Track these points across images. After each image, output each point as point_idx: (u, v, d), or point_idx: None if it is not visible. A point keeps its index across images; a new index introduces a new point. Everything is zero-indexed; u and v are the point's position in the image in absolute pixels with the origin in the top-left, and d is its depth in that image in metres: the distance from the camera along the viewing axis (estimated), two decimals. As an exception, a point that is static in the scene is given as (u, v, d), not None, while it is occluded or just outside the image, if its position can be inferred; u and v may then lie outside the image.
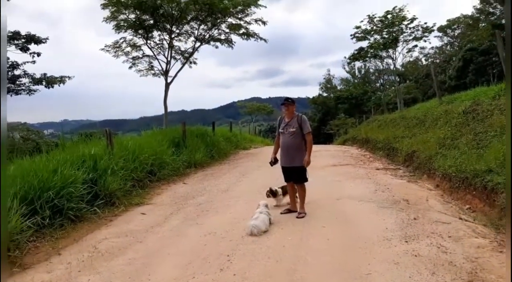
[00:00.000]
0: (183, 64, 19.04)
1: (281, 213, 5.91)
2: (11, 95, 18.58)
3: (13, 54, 18.11)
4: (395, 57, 24.32)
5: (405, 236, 4.70)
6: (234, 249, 4.44)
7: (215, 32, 18.68)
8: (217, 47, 19.36)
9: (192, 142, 11.97)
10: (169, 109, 18.92)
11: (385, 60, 26.22)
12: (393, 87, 36.16)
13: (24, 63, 18.33)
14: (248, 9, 17.66)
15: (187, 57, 19.13)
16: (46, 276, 3.91)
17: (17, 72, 18.42)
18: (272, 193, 6.06)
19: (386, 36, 23.12)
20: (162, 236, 5.14)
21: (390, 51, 24.02)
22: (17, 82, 18.37)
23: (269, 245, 4.57)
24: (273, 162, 6.07)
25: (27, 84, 18.73)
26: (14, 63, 18.21)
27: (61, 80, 18.47)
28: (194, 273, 3.80)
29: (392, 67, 26.07)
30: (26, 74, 18.52)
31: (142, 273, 3.89)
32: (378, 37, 23.77)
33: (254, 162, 12.53)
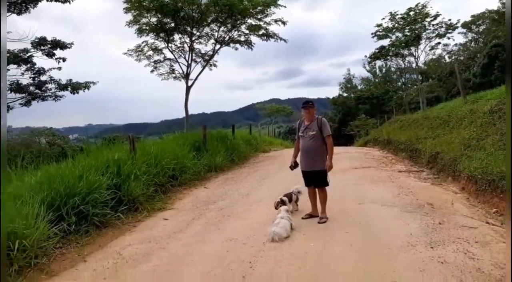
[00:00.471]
0: (204, 67, 19.26)
1: (303, 218, 5.87)
2: (37, 101, 19.13)
3: (40, 60, 18.61)
4: (418, 55, 23.82)
5: (430, 241, 4.60)
6: (256, 255, 4.44)
7: (234, 33, 18.81)
8: (236, 49, 19.47)
9: (213, 146, 12.05)
10: (189, 112, 19.15)
11: (407, 58, 25.78)
12: (415, 86, 35.48)
13: (50, 69, 18.83)
14: (268, 10, 17.69)
15: (207, 59, 19.31)
16: (72, 284, 3.99)
17: (43, 78, 18.92)
18: (283, 203, 5.94)
19: (408, 34, 22.65)
20: (184, 242, 5.19)
21: (412, 49, 23.53)
22: (43, 88, 18.86)
23: (292, 251, 4.55)
24: (293, 166, 6.03)
25: (53, 90, 19.22)
26: (41, 69, 18.72)
27: (86, 86, 18.85)
28: (217, 281, 3.82)
29: (414, 65, 25.58)
30: (52, 80, 18.98)
31: (166, 281, 3.93)
32: (400, 35, 23.33)
33: (274, 165, 12.51)
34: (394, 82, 46.39)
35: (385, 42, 24.74)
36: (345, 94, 53.67)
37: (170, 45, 18.42)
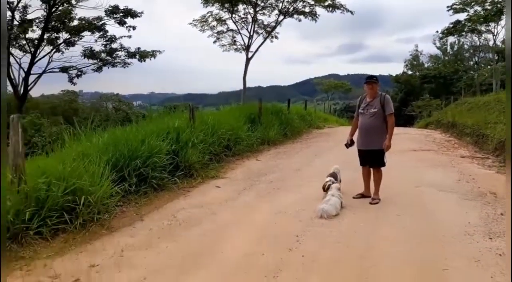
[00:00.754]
0: (265, 39, 19.20)
1: (354, 197, 5.78)
2: (108, 68, 20.43)
3: (112, 28, 19.68)
4: (496, 32, 21.75)
5: (489, 232, 4.34)
6: (304, 230, 4.48)
7: (299, 4, 18.36)
8: (300, 20, 19.06)
9: (267, 119, 12.12)
10: (246, 85, 19.31)
11: (483, 35, 23.66)
12: (489, 66, 32.58)
13: (121, 37, 19.82)
14: None
15: (269, 31, 19.17)
16: (130, 240, 4.29)
17: (114, 45, 20.02)
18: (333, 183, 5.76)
19: (489, 8, 20.58)
20: (235, 210, 5.37)
21: (492, 25, 21.46)
22: (114, 55, 19.97)
23: (340, 229, 4.53)
24: (349, 144, 5.89)
25: (122, 58, 20.32)
26: (112, 36, 19.78)
27: (153, 54, 19.67)
28: (264, 250, 3.93)
29: (491, 43, 23.46)
30: (122, 47, 20.02)
31: (215, 246, 4.12)
32: (479, 8, 21.27)
33: (328, 142, 12.35)
34: (466, 61, 42.83)
35: (461, 16, 22.74)
36: (409, 72, 50.57)
37: (233, 15, 18.51)
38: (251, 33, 18.52)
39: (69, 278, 3.37)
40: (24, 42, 18.45)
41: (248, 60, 18.34)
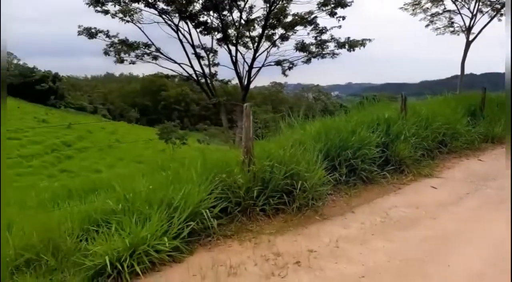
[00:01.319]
0: (492, 18, 16.29)
1: None
2: (318, 59, 21.24)
3: (322, 20, 20.31)
4: None
5: None
6: None
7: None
8: None
9: (492, 112, 10.18)
10: (454, 73, 17.03)
11: None
12: None
13: (332, 28, 20.22)
14: None
15: (498, 8, 16.12)
16: (343, 231, 4.23)
17: (324, 37, 20.62)
18: None
19: None
20: (458, 217, 4.64)
21: None
22: (324, 46, 20.60)
23: None
24: None
25: (331, 48, 20.74)
26: (323, 28, 20.39)
27: (362, 43, 19.28)
28: (504, 276, 3.17)
29: None
30: (332, 38, 20.39)
31: (439, 256, 3.61)
32: None
33: None
34: None
35: None
36: None
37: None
38: (474, 13, 15.96)
39: (291, 259, 3.53)
40: (247, 39, 21.04)
41: (468, 43, 15.92)
